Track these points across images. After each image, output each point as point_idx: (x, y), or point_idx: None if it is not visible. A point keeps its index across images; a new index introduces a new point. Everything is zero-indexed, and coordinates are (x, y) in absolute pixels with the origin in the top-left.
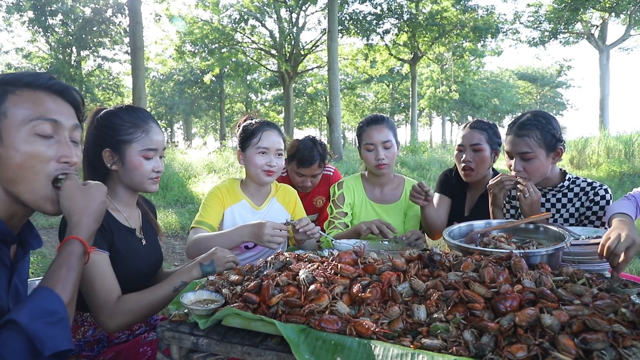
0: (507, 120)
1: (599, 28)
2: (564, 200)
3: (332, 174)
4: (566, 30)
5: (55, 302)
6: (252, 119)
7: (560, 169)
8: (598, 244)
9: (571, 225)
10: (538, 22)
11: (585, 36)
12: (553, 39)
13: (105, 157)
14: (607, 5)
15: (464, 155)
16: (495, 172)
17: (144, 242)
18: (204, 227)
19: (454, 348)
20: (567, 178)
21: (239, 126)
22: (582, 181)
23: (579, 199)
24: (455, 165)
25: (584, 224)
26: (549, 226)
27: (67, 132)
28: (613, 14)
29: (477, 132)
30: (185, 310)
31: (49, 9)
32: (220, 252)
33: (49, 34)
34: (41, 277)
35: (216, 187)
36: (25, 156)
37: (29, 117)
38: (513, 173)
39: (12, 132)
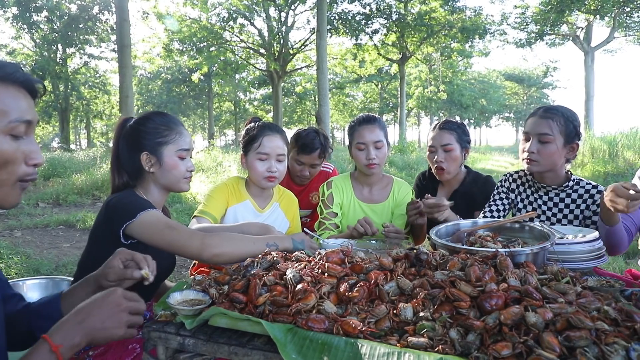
0: (495, 120)
1: (584, 30)
2: (567, 200)
3: (330, 171)
4: (552, 32)
5: None
6: (255, 122)
7: (567, 171)
8: (582, 242)
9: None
10: (525, 24)
11: (571, 38)
12: (539, 40)
13: (143, 160)
14: (592, 7)
15: (436, 156)
16: (469, 170)
17: None
18: (207, 217)
19: (440, 346)
20: (572, 179)
21: (244, 127)
22: (587, 183)
23: (584, 201)
24: (428, 167)
25: (586, 224)
26: (534, 225)
27: (33, 130)
28: (598, 16)
29: (447, 133)
30: (172, 311)
31: (34, 5)
32: (306, 235)
33: (33, 31)
34: (25, 278)
35: (223, 183)
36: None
37: (7, 118)
38: (525, 155)
39: None
